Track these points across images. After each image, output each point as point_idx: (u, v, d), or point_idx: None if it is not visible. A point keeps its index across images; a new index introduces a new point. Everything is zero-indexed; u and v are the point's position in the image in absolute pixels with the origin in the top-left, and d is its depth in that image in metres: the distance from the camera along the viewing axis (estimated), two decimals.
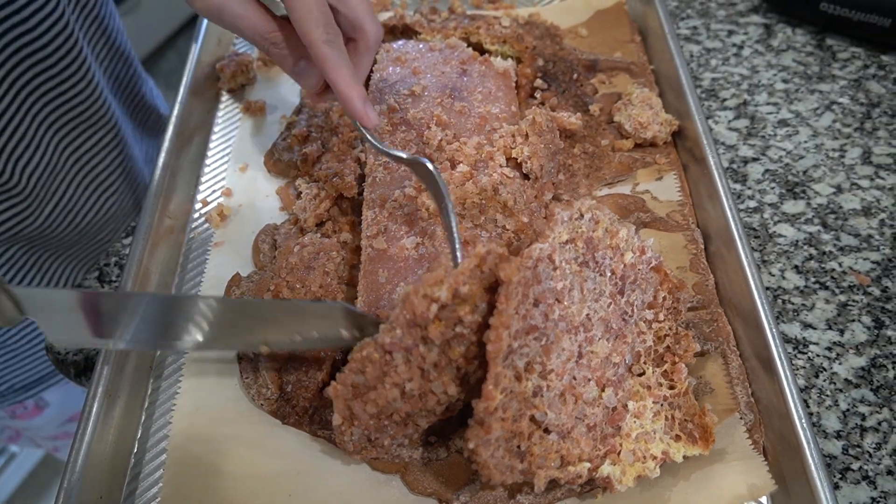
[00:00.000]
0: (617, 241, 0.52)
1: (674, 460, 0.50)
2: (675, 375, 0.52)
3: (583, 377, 0.49)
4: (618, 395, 0.50)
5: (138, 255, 0.62)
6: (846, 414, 0.58)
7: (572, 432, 0.48)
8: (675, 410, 0.51)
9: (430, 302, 0.43)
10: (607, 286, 0.51)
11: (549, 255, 0.47)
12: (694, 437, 0.50)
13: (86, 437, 0.52)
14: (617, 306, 0.51)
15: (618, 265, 0.51)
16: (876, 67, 0.86)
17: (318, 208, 0.66)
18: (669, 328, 0.53)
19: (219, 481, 0.52)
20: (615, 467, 0.49)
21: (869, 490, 0.54)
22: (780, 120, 0.82)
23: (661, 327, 0.53)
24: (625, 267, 0.52)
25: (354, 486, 0.52)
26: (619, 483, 0.49)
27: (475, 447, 0.44)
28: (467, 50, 0.76)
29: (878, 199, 0.73)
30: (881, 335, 0.63)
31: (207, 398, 0.57)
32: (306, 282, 0.60)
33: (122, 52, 0.89)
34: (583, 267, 0.50)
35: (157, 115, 1.00)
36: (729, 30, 0.93)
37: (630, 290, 0.52)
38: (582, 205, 0.51)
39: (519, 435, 0.46)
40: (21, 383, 0.93)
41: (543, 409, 0.47)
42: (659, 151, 0.72)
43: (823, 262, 0.68)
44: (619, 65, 0.80)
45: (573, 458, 0.48)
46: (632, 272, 0.52)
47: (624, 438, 0.50)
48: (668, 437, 0.51)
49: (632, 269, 0.52)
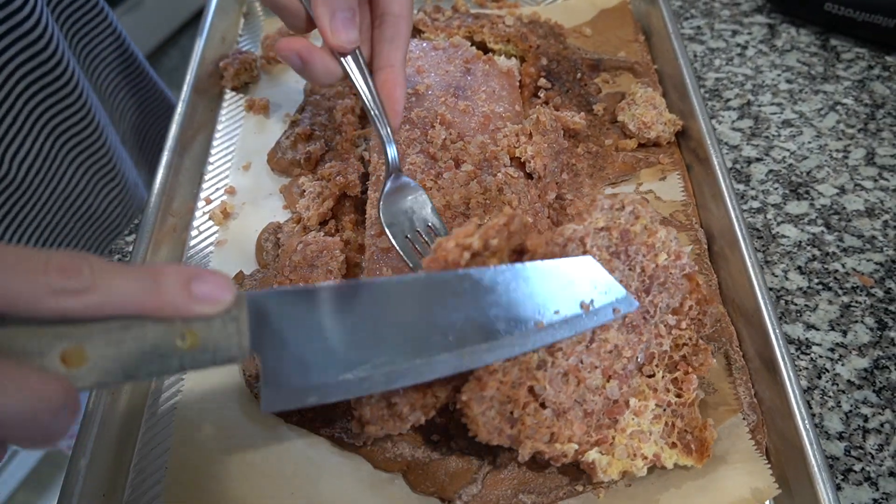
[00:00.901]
0: (654, 240, 0.52)
1: (664, 465, 0.50)
2: (684, 385, 0.52)
3: (590, 363, 0.49)
4: (622, 389, 0.50)
5: (142, 254, 0.62)
6: (849, 415, 0.58)
7: (568, 413, 0.48)
8: (677, 419, 0.51)
9: (463, 250, 0.45)
10: (634, 282, 0.51)
11: (582, 238, 0.48)
12: (690, 448, 0.50)
13: (90, 434, 0.52)
14: (640, 303, 0.51)
15: (649, 264, 0.52)
16: (880, 68, 0.86)
17: (321, 207, 0.66)
18: (689, 338, 0.53)
19: (221, 480, 0.52)
20: (603, 456, 0.49)
21: (871, 491, 0.54)
22: (783, 120, 0.81)
23: (681, 335, 0.53)
24: (656, 267, 0.52)
25: (357, 485, 0.52)
26: (602, 472, 0.49)
27: (467, 400, 0.45)
28: (471, 49, 0.76)
29: (882, 200, 0.73)
30: (884, 336, 0.63)
31: (211, 396, 0.57)
32: (309, 280, 0.60)
33: (122, 51, 0.90)
34: (613, 257, 0.50)
35: (167, 107, 1.01)
36: (733, 30, 0.93)
37: (657, 291, 0.52)
38: (625, 197, 0.51)
39: (514, 402, 0.46)
40: None
41: (544, 383, 0.47)
42: (662, 151, 0.72)
43: (827, 263, 0.68)
44: (622, 64, 0.80)
45: (563, 437, 0.48)
46: (662, 274, 0.52)
47: (619, 433, 0.50)
48: (664, 442, 0.50)
49: (663, 270, 0.52)
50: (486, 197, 0.59)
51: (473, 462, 0.52)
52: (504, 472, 0.51)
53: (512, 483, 0.51)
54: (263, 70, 0.84)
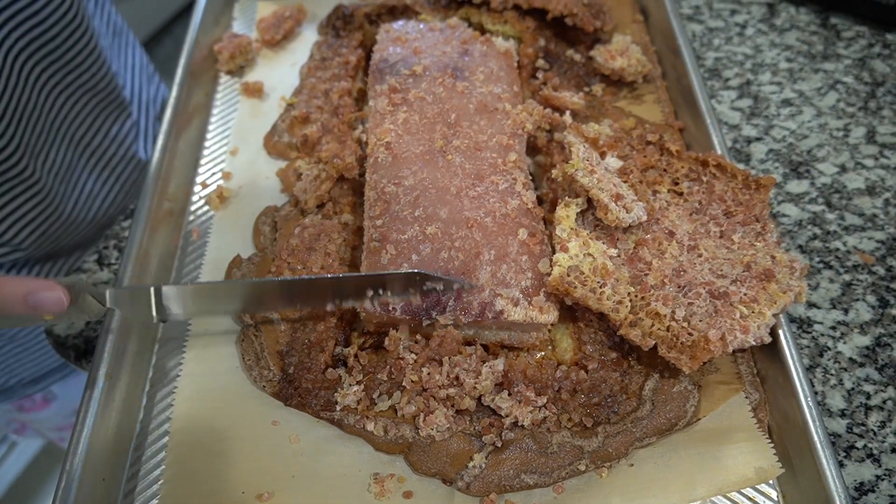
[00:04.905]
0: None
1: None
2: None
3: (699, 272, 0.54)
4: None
5: (138, 239, 0.62)
6: (851, 393, 0.58)
7: (654, 289, 0.53)
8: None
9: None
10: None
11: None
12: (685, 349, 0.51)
13: (88, 419, 0.51)
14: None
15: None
16: (881, 46, 0.85)
17: (318, 190, 0.65)
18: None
19: (221, 463, 0.52)
20: (642, 324, 0.52)
21: (873, 468, 0.54)
22: (783, 99, 0.81)
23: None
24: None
25: (358, 466, 0.52)
26: (623, 325, 0.52)
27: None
28: (468, 30, 0.75)
29: (883, 178, 0.72)
30: (886, 314, 0.62)
31: (209, 381, 0.57)
32: (307, 263, 0.60)
33: (131, 41, 0.90)
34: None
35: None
36: (732, 9, 0.92)
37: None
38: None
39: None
40: (31, 377, 0.93)
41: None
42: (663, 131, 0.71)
43: (828, 242, 0.68)
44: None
45: (622, 297, 0.53)
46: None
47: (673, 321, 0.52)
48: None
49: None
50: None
51: (475, 443, 0.52)
52: (506, 452, 0.51)
53: (514, 463, 0.51)
54: (258, 53, 0.83)
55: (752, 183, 0.59)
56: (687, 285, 0.53)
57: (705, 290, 0.53)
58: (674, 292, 0.53)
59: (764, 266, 0.53)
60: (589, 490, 0.50)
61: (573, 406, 0.53)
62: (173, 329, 0.60)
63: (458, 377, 0.53)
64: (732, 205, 0.58)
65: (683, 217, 0.58)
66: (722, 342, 0.50)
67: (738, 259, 0.54)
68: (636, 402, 0.53)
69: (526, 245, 0.56)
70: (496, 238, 0.57)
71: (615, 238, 0.56)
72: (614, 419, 0.52)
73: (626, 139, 0.63)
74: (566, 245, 0.54)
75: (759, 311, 0.51)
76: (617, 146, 0.62)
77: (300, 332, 0.58)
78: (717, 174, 0.60)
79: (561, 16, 0.75)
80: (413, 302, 0.54)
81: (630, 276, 0.54)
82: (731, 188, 0.59)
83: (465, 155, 0.62)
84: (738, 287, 0.53)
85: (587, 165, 0.57)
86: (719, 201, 0.59)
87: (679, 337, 0.51)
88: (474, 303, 0.53)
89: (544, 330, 0.56)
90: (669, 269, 0.54)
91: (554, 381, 0.54)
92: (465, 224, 0.57)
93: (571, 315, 0.57)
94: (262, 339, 0.58)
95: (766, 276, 0.53)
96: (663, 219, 0.57)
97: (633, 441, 0.51)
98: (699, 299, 0.52)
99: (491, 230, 0.57)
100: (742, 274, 0.53)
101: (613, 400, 0.53)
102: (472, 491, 0.50)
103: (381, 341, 0.56)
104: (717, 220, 0.58)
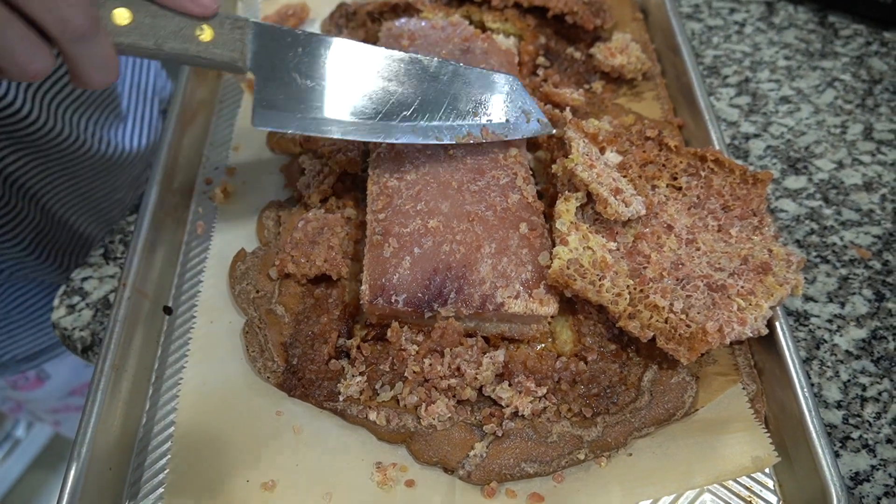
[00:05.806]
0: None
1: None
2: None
3: (696, 265, 0.55)
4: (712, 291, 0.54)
5: (143, 233, 0.62)
6: (847, 384, 0.59)
7: (652, 282, 0.54)
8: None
9: None
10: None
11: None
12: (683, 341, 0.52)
13: (94, 409, 0.52)
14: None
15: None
16: (878, 44, 0.86)
17: (321, 184, 0.66)
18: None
19: (226, 453, 0.53)
20: (640, 316, 0.53)
21: (869, 458, 0.55)
22: (781, 97, 0.82)
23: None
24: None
25: (360, 455, 0.53)
26: (619, 313, 0.53)
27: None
28: (469, 27, 0.76)
29: (880, 174, 0.73)
30: (882, 308, 0.63)
31: (214, 372, 0.58)
32: (311, 256, 0.61)
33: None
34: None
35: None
36: (731, 7, 0.93)
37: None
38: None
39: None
40: (23, 354, 0.95)
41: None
42: (662, 127, 0.72)
43: (825, 237, 0.68)
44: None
45: (621, 289, 0.54)
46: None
47: (671, 312, 0.53)
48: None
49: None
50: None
51: (475, 432, 0.53)
52: (506, 441, 0.52)
53: (514, 452, 0.52)
54: None
55: (749, 178, 0.60)
56: (685, 278, 0.54)
57: (703, 283, 0.53)
58: (672, 285, 0.54)
59: (761, 259, 0.54)
60: (588, 479, 0.51)
61: (573, 396, 0.54)
62: (179, 321, 0.61)
63: (460, 368, 0.53)
64: (730, 199, 0.59)
65: (682, 211, 0.59)
66: (719, 334, 0.51)
67: (735, 252, 0.55)
68: (635, 392, 0.54)
69: (526, 238, 0.57)
70: (497, 231, 0.57)
71: (614, 232, 0.57)
72: (613, 409, 0.53)
73: (625, 135, 0.64)
74: (566, 238, 0.55)
75: (756, 303, 0.52)
76: (616, 142, 0.63)
77: (304, 325, 0.58)
78: (715, 169, 0.61)
79: (561, 14, 0.76)
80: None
81: (629, 269, 0.55)
82: (728, 183, 0.60)
83: (466, 150, 0.63)
84: (735, 280, 0.53)
85: (587, 160, 0.58)
86: (717, 196, 0.59)
87: (677, 329, 0.52)
88: (475, 295, 0.54)
89: (544, 322, 0.57)
90: (668, 262, 0.55)
91: (554, 372, 0.55)
92: (467, 217, 0.58)
93: (571, 307, 0.58)
94: (266, 331, 0.58)
95: (762, 269, 0.53)
96: (662, 213, 0.58)
97: (631, 431, 0.52)
98: (697, 292, 0.53)
99: (492, 224, 0.58)
100: (739, 267, 0.54)
101: (612, 391, 0.54)
102: (473, 479, 0.51)
103: (383, 333, 0.57)
104: (715, 215, 0.58)
